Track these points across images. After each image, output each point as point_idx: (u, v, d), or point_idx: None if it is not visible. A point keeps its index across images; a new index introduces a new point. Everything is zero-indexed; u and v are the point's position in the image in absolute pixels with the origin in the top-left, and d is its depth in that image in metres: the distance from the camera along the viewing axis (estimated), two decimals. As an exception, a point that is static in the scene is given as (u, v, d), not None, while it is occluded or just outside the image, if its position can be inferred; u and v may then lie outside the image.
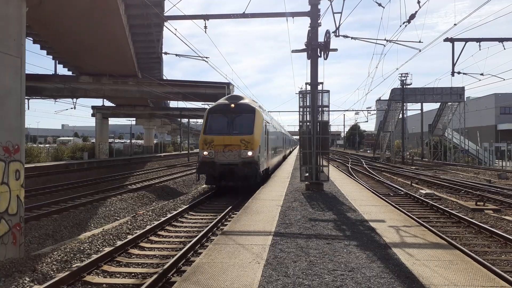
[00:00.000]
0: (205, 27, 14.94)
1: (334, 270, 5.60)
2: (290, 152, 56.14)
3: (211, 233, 10.57)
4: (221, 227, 11.26)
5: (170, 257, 8.34)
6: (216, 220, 11.75)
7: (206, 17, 14.97)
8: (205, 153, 16.11)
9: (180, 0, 13.79)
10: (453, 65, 23.59)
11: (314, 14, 14.37)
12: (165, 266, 7.38)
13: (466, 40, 23.29)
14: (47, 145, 54.97)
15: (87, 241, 9.73)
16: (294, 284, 5.05)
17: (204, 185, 19.87)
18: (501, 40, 21.82)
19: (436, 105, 58.34)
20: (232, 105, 16.53)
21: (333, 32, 14.61)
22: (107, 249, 8.62)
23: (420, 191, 18.74)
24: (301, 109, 14.96)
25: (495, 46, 22.65)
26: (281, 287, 4.96)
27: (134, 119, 68.18)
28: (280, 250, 6.58)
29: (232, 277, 5.27)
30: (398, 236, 7.65)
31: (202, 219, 12.83)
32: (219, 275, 5.33)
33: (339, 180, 19.06)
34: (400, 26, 14.65)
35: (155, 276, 6.89)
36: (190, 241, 9.30)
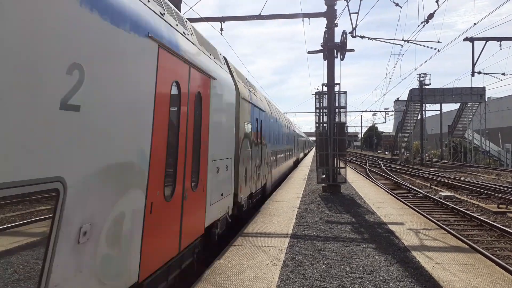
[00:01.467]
0: (221, 29, 15.06)
1: (352, 273, 5.56)
2: (302, 158, 47.01)
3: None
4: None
5: None
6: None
7: (222, 19, 15.09)
8: None
9: (197, 3, 13.98)
10: (473, 65, 23.14)
11: (330, 15, 14.33)
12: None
13: (487, 39, 22.84)
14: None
15: None
16: (312, 286, 5.03)
17: None
18: (523, 38, 21.32)
19: (455, 106, 57.34)
20: None
21: (349, 33, 14.57)
22: None
23: (440, 193, 18.41)
24: (318, 110, 14.90)
25: (517, 45, 22.17)
26: (298, 290, 4.95)
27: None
28: (297, 252, 6.56)
29: (250, 278, 5.28)
30: (418, 239, 7.54)
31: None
32: (237, 277, 5.35)
33: (357, 182, 18.89)
34: (418, 26, 14.51)
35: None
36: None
